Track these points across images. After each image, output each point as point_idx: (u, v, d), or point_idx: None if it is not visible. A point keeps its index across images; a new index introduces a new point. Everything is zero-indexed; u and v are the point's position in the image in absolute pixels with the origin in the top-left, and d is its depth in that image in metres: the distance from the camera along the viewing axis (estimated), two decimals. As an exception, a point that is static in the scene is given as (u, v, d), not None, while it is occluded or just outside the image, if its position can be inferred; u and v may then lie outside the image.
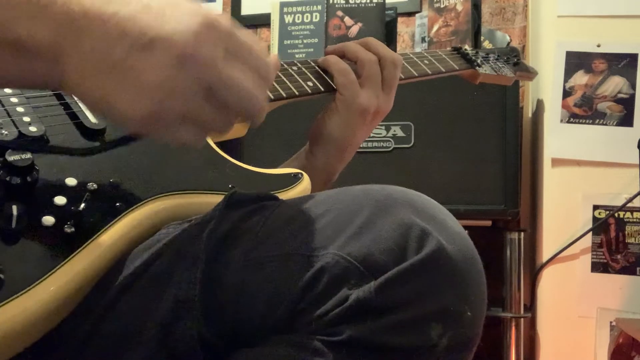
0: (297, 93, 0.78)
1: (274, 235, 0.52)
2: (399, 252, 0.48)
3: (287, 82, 0.78)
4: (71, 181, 0.55)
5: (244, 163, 0.69)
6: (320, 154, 0.84)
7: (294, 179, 0.67)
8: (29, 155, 0.53)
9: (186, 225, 0.56)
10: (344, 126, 0.82)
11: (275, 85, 0.76)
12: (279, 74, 0.78)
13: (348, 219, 0.50)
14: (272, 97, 0.75)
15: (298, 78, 0.79)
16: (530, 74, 1.18)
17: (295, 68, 0.80)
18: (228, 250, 0.52)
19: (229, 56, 0.50)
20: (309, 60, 0.84)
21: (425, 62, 0.95)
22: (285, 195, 0.64)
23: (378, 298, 0.47)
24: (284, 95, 0.76)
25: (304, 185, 0.67)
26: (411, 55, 0.94)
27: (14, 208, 0.49)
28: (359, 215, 0.50)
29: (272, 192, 0.61)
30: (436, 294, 0.48)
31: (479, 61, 1.03)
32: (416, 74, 0.92)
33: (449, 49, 1.03)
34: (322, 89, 0.80)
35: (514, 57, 1.13)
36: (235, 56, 0.50)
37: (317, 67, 0.82)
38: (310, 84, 0.80)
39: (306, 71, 0.81)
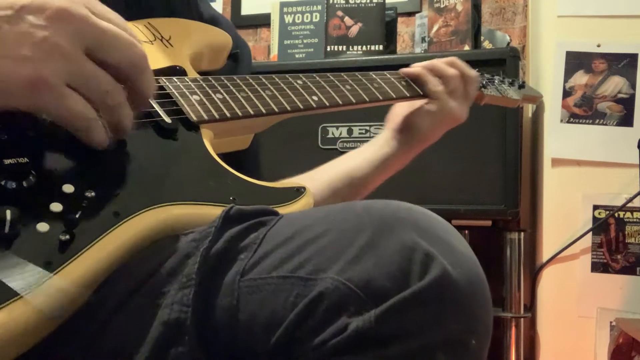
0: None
1: (270, 254, 0.50)
2: (401, 278, 0.46)
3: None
4: (68, 188, 0.53)
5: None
6: (403, 144, 0.97)
7: (296, 194, 0.65)
8: (25, 160, 0.52)
9: (182, 239, 0.54)
10: (433, 127, 0.96)
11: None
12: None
13: (349, 240, 0.48)
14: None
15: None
16: (535, 97, 1.17)
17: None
18: (223, 270, 0.50)
19: (98, 14, 0.53)
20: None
21: None
22: (288, 209, 0.63)
23: (379, 328, 0.45)
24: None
25: (306, 200, 0.65)
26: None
27: (8, 213, 0.48)
28: (360, 235, 0.48)
29: (273, 206, 0.59)
30: (440, 323, 0.46)
31: (484, 82, 1.04)
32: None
33: None
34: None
35: (518, 80, 1.14)
36: (104, 15, 0.54)
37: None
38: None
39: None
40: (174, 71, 0.74)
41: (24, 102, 0.51)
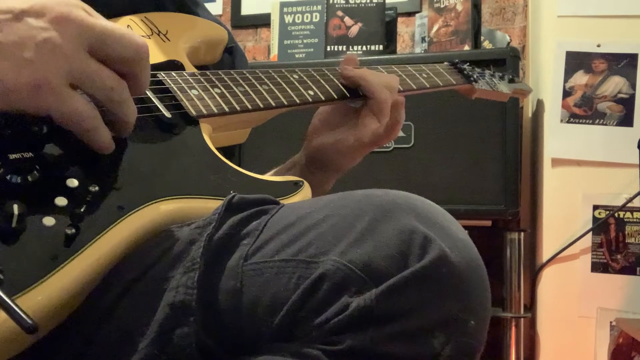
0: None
1: (273, 240, 0.51)
2: (400, 259, 0.47)
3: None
4: (72, 182, 0.54)
5: (244, 165, 0.69)
6: (320, 175, 0.87)
7: (294, 187, 0.66)
8: (30, 154, 0.53)
9: (185, 228, 0.55)
10: (354, 156, 0.85)
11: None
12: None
13: (349, 225, 0.50)
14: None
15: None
16: (525, 91, 1.18)
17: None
18: (227, 255, 0.51)
19: (95, 17, 0.54)
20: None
21: (424, 75, 0.96)
22: (286, 202, 0.63)
23: (379, 306, 0.46)
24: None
25: (304, 193, 0.66)
26: (410, 69, 0.96)
27: (15, 207, 0.48)
28: (360, 220, 0.50)
29: None
30: (439, 302, 0.47)
31: (475, 76, 1.04)
32: (415, 87, 0.93)
33: (445, 63, 1.04)
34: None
35: (509, 74, 1.14)
36: (100, 17, 0.55)
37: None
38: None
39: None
40: (172, 65, 0.75)
41: (27, 104, 0.52)
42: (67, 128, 0.54)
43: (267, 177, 0.68)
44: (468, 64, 1.07)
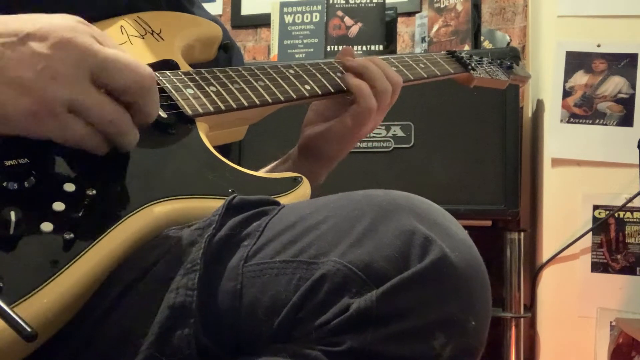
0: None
1: (273, 241, 0.51)
2: (401, 260, 0.47)
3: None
4: (69, 187, 0.54)
5: (243, 164, 0.69)
6: (310, 164, 0.86)
7: (293, 183, 0.66)
8: (26, 160, 0.53)
9: (186, 229, 0.55)
10: (342, 145, 0.84)
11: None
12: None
13: (350, 225, 0.50)
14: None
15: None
16: (524, 77, 1.17)
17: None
18: (227, 256, 0.52)
19: (103, 43, 0.54)
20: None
21: (421, 65, 0.95)
22: (285, 199, 0.64)
23: (380, 307, 0.46)
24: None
25: (304, 189, 0.66)
26: (407, 59, 0.94)
27: (12, 214, 0.48)
28: (360, 221, 0.50)
29: (272, 196, 0.60)
30: (439, 303, 0.47)
31: (473, 65, 1.03)
32: (412, 77, 0.92)
33: (443, 52, 1.03)
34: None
35: (507, 60, 1.13)
36: (108, 43, 0.55)
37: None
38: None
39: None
40: (167, 65, 0.75)
41: (28, 129, 0.52)
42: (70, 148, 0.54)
43: (266, 174, 0.68)
44: (466, 52, 1.06)
